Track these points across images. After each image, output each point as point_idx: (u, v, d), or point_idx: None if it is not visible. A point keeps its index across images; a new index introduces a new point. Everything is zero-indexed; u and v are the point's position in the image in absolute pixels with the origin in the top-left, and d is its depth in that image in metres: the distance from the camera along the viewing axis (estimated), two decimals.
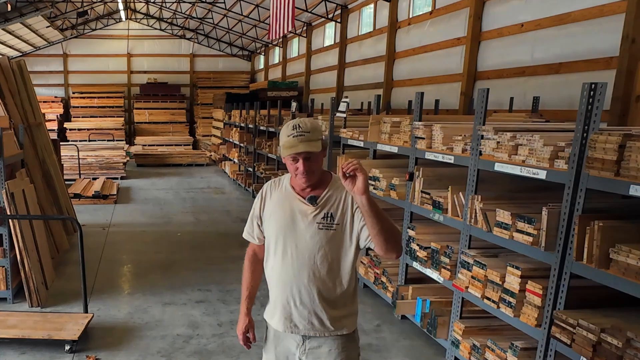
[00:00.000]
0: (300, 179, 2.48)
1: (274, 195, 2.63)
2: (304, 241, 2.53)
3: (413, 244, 5.04)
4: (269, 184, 2.69)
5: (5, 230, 5.65)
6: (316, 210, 2.52)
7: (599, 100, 3.10)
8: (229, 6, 18.10)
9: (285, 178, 2.65)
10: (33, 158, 7.55)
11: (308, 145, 2.38)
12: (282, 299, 2.62)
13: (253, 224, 2.71)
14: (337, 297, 2.59)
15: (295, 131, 2.39)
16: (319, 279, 2.55)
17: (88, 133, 21.11)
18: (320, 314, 2.58)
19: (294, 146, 2.39)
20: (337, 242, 2.54)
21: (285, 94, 17.58)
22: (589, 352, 3.01)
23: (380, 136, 5.78)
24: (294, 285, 2.57)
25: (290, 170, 2.51)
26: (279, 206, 2.59)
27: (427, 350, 4.83)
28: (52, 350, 4.67)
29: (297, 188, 2.57)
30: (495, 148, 3.86)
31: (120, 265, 7.35)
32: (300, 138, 2.38)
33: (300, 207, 2.54)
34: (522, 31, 7.47)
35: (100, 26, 23.92)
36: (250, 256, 2.83)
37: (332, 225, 2.52)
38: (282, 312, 2.63)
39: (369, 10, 13.07)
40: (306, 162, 2.43)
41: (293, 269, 2.56)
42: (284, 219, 2.56)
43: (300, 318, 2.60)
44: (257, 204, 2.68)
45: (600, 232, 3.01)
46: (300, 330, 2.62)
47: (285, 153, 2.42)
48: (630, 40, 5.47)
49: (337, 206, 2.53)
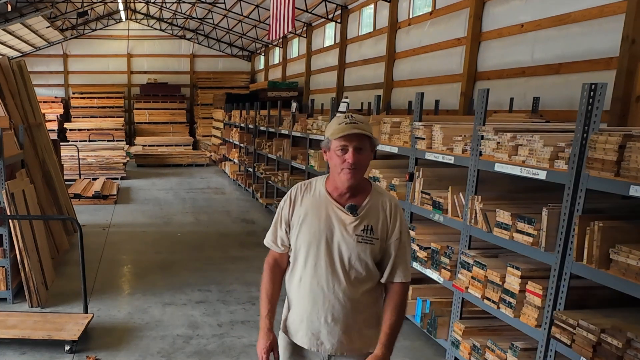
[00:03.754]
0: (345, 173, 2.26)
1: (306, 199, 2.41)
2: (341, 253, 2.33)
3: (413, 244, 5.04)
4: (298, 187, 2.47)
5: (5, 230, 5.65)
6: (356, 220, 2.33)
7: (599, 100, 3.10)
8: (229, 6, 18.10)
9: (318, 181, 2.45)
10: (33, 158, 7.55)
11: (362, 132, 2.23)
12: (312, 314, 2.40)
13: (279, 230, 2.47)
14: (371, 315, 2.42)
15: (349, 119, 2.26)
16: (355, 295, 2.35)
17: (88, 133, 21.11)
18: (353, 333, 2.39)
19: (347, 130, 2.22)
20: (368, 256, 2.35)
21: (286, 94, 17.58)
22: (589, 353, 3.01)
23: (380, 136, 5.78)
24: (327, 300, 2.36)
25: (335, 164, 2.30)
26: (312, 212, 2.37)
27: (427, 351, 4.83)
28: (52, 350, 4.67)
29: (334, 193, 2.37)
30: (495, 148, 3.86)
31: (120, 265, 7.35)
32: (354, 125, 2.23)
33: (339, 215, 2.34)
34: (522, 31, 7.47)
35: (101, 26, 23.93)
36: (271, 265, 2.55)
37: (372, 239, 2.33)
38: (309, 327, 2.41)
39: (369, 11, 13.07)
40: (356, 154, 2.24)
41: (327, 282, 2.35)
42: (319, 227, 2.35)
43: (330, 336, 2.39)
44: (284, 208, 2.45)
45: (601, 232, 3.00)
46: (327, 350, 2.41)
47: (337, 134, 2.24)
48: (630, 40, 5.47)
49: (378, 218, 2.35)
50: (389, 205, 2.39)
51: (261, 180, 11.91)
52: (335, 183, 2.36)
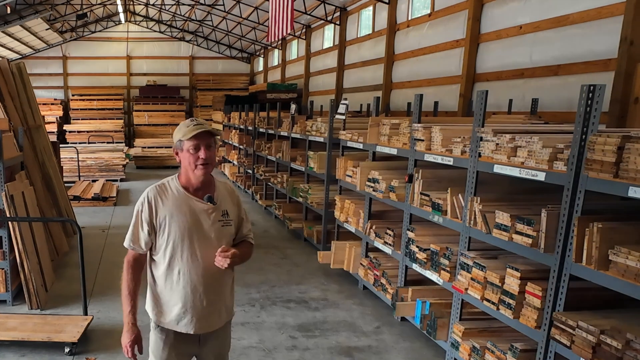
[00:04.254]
0: (200, 169, 2.54)
1: (166, 200, 2.62)
2: (210, 239, 2.60)
3: (412, 245, 5.05)
4: (151, 190, 2.66)
5: (4, 232, 5.64)
6: (216, 209, 2.63)
7: (597, 102, 3.10)
8: (228, 9, 18.13)
9: (171, 182, 2.67)
10: (32, 160, 7.55)
11: (210, 130, 2.54)
12: (195, 301, 2.64)
13: (141, 233, 2.64)
14: (230, 288, 2.80)
15: (195, 122, 2.57)
16: (223, 273, 2.66)
17: (87, 135, 21.09)
18: (224, 307, 2.74)
19: (197, 129, 2.50)
20: (231, 236, 2.70)
21: (285, 96, 17.59)
22: (589, 354, 3.01)
23: (380, 138, 5.79)
24: (206, 284, 2.63)
25: (188, 162, 2.55)
26: (176, 210, 2.60)
27: (426, 352, 4.83)
28: (51, 352, 4.67)
29: (190, 189, 2.63)
30: (494, 150, 3.87)
31: (120, 267, 7.21)
32: (201, 126, 2.54)
33: (200, 207, 2.61)
34: (521, 33, 7.49)
35: (100, 29, 23.95)
36: (131, 264, 2.73)
37: (229, 221, 2.67)
38: (194, 313, 2.65)
39: (367, 13, 13.09)
40: (207, 151, 2.54)
41: (204, 268, 2.61)
42: (187, 221, 2.59)
43: (211, 315, 2.68)
44: (144, 212, 2.62)
45: (600, 233, 3.01)
46: (210, 327, 2.70)
47: (189, 135, 2.50)
48: (629, 42, 5.48)
49: (227, 202, 2.70)
50: (230, 190, 2.79)
51: (260, 182, 11.91)
52: (189, 180, 2.63)
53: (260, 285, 6.47)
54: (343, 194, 7.05)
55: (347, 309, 5.83)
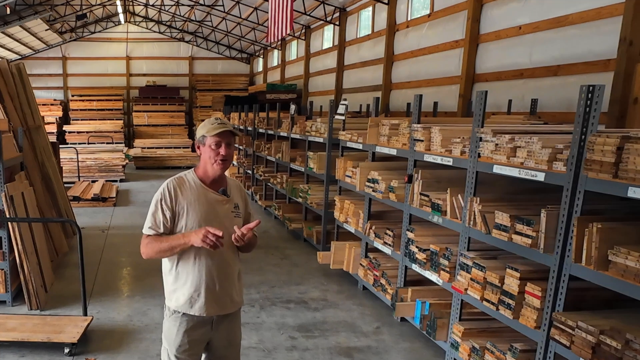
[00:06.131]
0: (218, 164, 2.77)
1: (185, 190, 2.82)
2: (224, 227, 2.75)
3: (412, 246, 5.05)
4: (171, 182, 2.84)
5: (4, 233, 5.64)
6: (229, 201, 2.88)
7: (597, 102, 3.11)
8: (227, 9, 18.13)
9: (189, 175, 2.88)
10: (32, 161, 7.55)
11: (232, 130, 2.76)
12: (209, 283, 2.82)
13: (161, 217, 2.79)
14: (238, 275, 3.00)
15: (218, 121, 2.78)
16: (234, 259, 2.93)
17: (87, 136, 21.08)
18: (235, 290, 2.94)
19: (221, 128, 2.72)
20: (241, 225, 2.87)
21: (284, 96, 17.59)
22: (588, 354, 3.02)
23: (379, 138, 5.79)
24: (219, 269, 2.84)
25: (209, 157, 2.77)
26: (195, 199, 2.81)
27: (426, 352, 4.83)
28: (51, 353, 4.67)
29: (207, 181, 2.84)
30: (493, 150, 3.87)
31: (120, 267, 7.35)
32: (224, 125, 2.75)
33: (216, 198, 2.84)
34: (520, 34, 7.50)
35: (100, 29, 23.94)
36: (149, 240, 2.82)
37: (240, 213, 2.92)
38: (208, 295, 2.82)
39: (367, 13, 13.09)
40: (227, 148, 2.76)
41: (218, 254, 2.79)
42: (205, 210, 2.80)
43: (223, 298, 2.87)
44: (165, 199, 2.80)
45: (599, 233, 3.01)
46: (222, 310, 2.87)
47: (213, 132, 2.72)
48: (628, 42, 5.49)
49: (238, 196, 2.96)
50: (238, 186, 3.04)
51: (260, 183, 11.91)
52: (207, 172, 2.84)
53: (259, 286, 6.48)
54: (343, 195, 7.05)
55: (347, 310, 5.83)
